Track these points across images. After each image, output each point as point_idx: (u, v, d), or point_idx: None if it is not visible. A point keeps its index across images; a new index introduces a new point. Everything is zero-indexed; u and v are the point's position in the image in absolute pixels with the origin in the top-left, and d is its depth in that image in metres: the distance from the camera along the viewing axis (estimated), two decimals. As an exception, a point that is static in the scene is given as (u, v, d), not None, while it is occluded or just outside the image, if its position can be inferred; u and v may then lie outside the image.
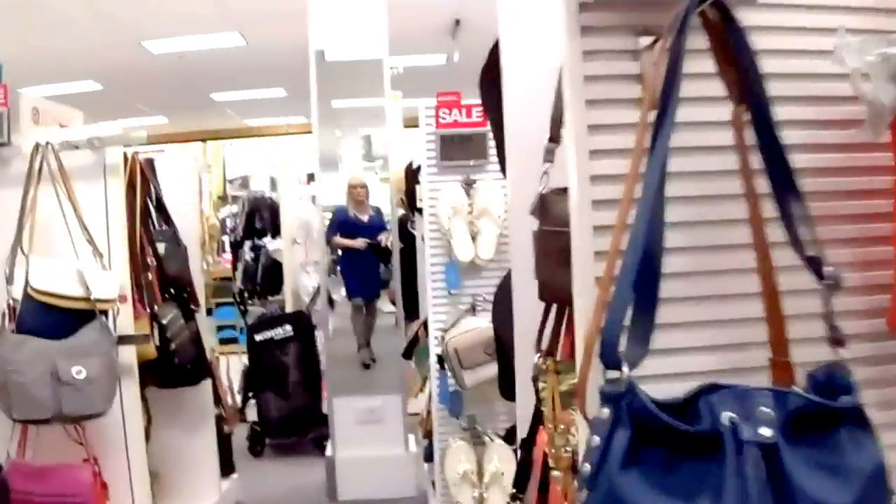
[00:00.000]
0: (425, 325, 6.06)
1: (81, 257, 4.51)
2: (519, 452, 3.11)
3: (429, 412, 5.94)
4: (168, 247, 5.64)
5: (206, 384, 6.12)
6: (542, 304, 2.69)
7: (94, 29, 10.83)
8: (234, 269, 10.26)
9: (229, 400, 6.89)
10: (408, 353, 6.67)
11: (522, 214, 2.83)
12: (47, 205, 4.50)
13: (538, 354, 2.65)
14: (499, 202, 5.33)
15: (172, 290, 5.64)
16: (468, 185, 5.47)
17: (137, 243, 5.25)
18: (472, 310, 5.38)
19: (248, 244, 10.00)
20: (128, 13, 10.39)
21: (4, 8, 9.64)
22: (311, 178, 9.81)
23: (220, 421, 6.55)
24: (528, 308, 2.95)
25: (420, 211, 6.04)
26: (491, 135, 5.32)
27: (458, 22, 11.40)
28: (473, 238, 5.35)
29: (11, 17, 9.96)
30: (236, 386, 9.37)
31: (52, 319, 4.30)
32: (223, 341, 10.66)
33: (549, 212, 2.44)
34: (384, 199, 9.67)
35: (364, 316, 9.63)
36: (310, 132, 7.37)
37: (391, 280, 9.33)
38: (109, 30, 10.95)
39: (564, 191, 2.26)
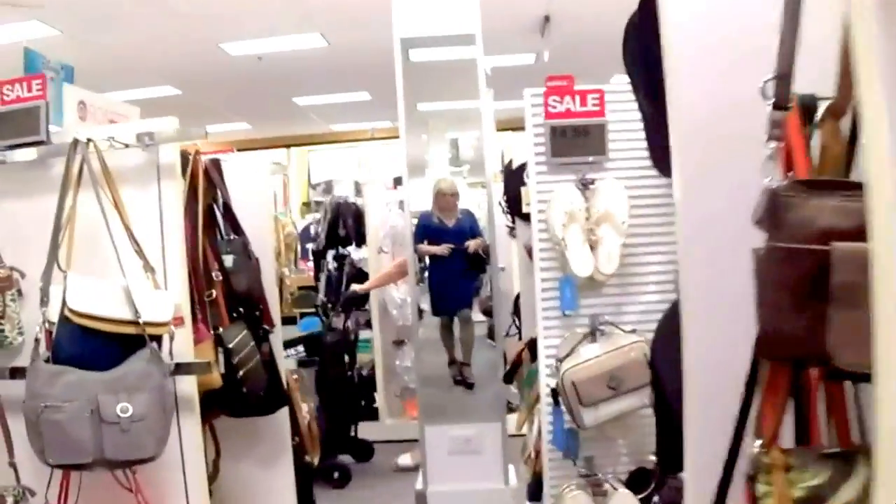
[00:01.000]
0: (530, 345, 5.12)
1: (129, 273, 3.73)
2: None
3: (537, 452, 5.00)
4: (237, 259, 4.84)
5: (283, 411, 5.30)
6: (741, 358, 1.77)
7: (169, 30, 10.26)
8: (317, 279, 9.45)
9: (307, 426, 6.02)
10: (509, 378, 5.73)
11: (699, 222, 2.01)
12: (90, 212, 3.75)
13: (757, 443, 1.70)
14: (622, 205, 4.38)
15: (241, 309, 4.85)
16: (584, 185, 4.47)
17: (200, 256, 4.54)
18: (592, 335, 4.39)
19: (331, 253, 9.13)
20: (203, 13, 9.78)
21: (77, 11, 9.18)
22: (397, 182, 8.98)
23: (298, 451, 5.72)
24: (707, 357, 2.11)
25: (526, 217, 5.09)
26: (611, 126, 4.53)
27: (547, 18, 10.55)
28: (592, 249, 4.36)
29: (84, 19, 9.44)
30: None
31: (94, 347, 3.59)
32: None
33: (788, 218, 1.47)
34: (471, 205, 8.91)
35: (459, 332, 8.80)
36: (396, 136, 6.53)
37: (481, 288, 8.59)
38: (185, 30, 10.39)
39: (816, 185, 1.38)
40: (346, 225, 8.97)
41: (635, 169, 4.49)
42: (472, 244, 8.30)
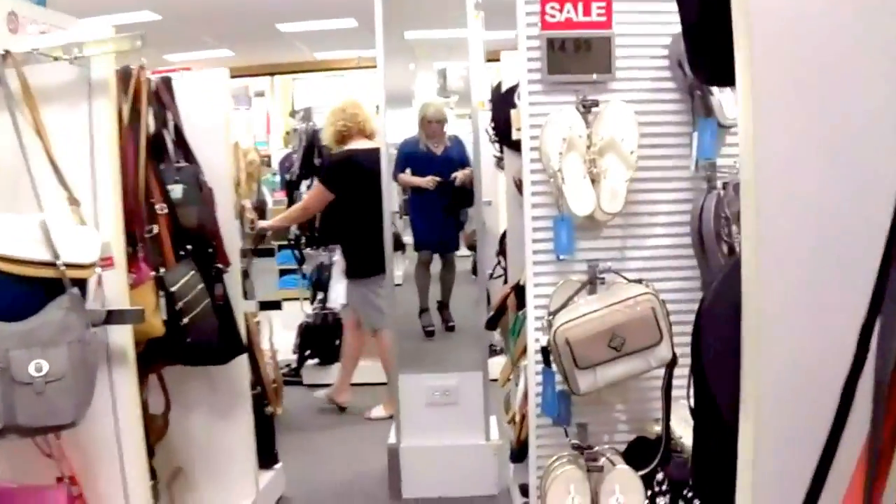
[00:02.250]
0: (517, 290, 4.39)
1: (50, 207, 3.17)
2: None
3: (523, 415, 4.26)
4: (186, 189, 4.24)
5: (241, 358, 4.75)
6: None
7: (145, -50, 9.44)
8: (290, 210, 8.75)
9: (272, 374, 5.36)
10: (492, 324, 4.99)
11: (778, 163, 1.32)
12: (7, 138, 3.15)
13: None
14: (630, 132, 3.54)
15: (190, 246, 4.24)
16: (586, 108, 3.61)
17: (142, 186, 3.96)
18: (591, 284, 3.59)
19: (305, 184, 8.39)
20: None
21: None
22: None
23: (259, 402, 5.16)
24: (777, 357, 1.43)
25: (515, 145, 4.31)
26: (619, 40, 3.70)
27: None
28: (593, 182, 3.53)
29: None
30: (291, 343, 8.02)
31: (9, 294, 3.01)
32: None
33: None
34: (462, 135, 8.20)
35: (440, 272, 8.05)
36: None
37: (466, 222, 7.87)
38: (161, -49, 9.57)
39: None
40: (321, 154, 8.21)
41: (645, 91, 3.68)
42: (459, 176, 7.53)
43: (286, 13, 13.35)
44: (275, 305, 6.30)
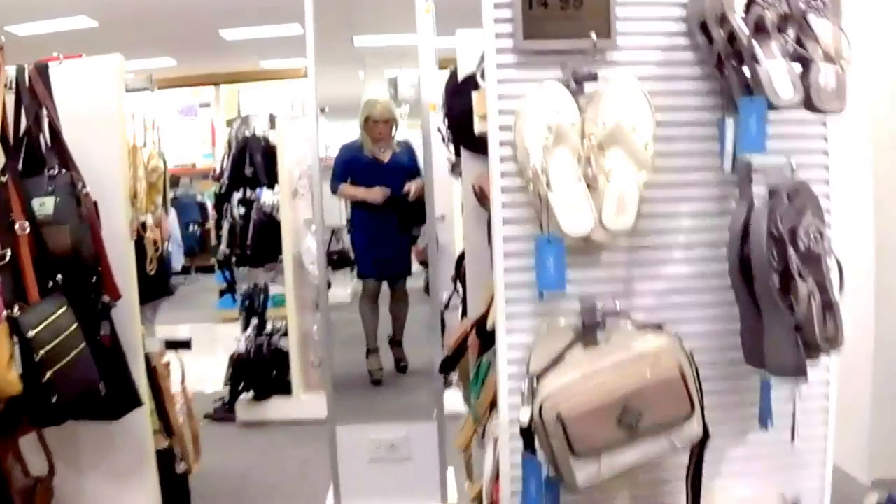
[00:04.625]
0: (478, 328, 3.31)
1: None
2: None
3: (493, 502, 3.13)
4: (59, 203, 3.29)
5: (142, 410, 3.77)
6: None
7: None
8: (219, 226, 7.67)
9: (185, 424, 4.34)
10: (446, 367, 3.90)
11: None
12: None
13: None
14: (643, 117, 2.37)
15: (60, 277, 3.25)
16: (579, 85, 2.43)
17: None
18: (590, 332, 2.39)
19: (236, 196, 7.36)
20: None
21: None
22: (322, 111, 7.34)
23: (169, 458, 4.12)
24: None
25: (476, 145, 3.11)
26: None
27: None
28: (591, 189, 2.34)
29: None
30: (223, 375, 7.01)
31: None
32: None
33: None
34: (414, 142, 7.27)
35: (390, 304, 7.04)
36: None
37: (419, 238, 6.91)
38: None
39: None
40: (253, 162, 7.21)
41: (656, 64, 2.53)
42: (413, 188, 6.50)
43: (229, 19, 12.56)
44: (184, 345, 5.25)
